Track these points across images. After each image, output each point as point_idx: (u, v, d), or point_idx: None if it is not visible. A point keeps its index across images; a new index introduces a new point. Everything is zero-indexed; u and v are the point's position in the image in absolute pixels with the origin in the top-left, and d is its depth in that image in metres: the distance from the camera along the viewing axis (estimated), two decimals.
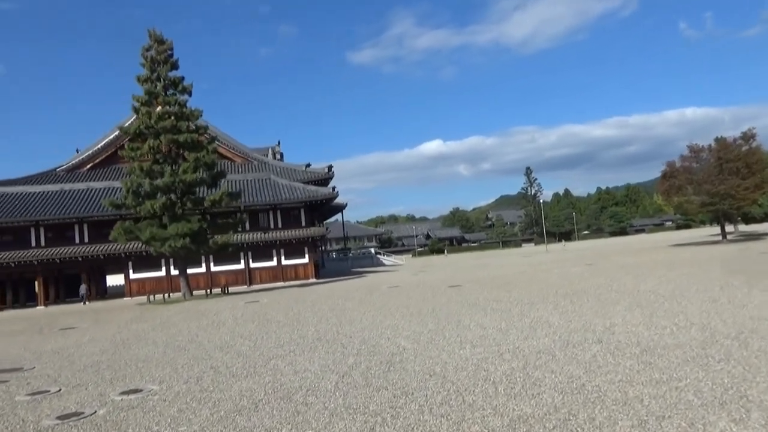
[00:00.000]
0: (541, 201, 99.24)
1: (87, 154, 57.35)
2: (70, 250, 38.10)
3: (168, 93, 29.18)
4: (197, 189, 29.60)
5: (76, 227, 38.84)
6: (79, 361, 10.96)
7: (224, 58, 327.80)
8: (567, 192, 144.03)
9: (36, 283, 38.79)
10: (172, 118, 28.04)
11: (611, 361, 6.96)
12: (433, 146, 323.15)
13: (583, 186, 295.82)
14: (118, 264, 39.90)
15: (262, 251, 41.19)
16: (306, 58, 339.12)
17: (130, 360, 10.42)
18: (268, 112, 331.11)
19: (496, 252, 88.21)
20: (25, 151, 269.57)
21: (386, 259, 73.82)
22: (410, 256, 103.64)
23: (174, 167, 27.94)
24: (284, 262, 41.67)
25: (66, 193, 41.53)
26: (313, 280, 40.65)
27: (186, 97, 29.34)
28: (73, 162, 58.31)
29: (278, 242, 41.20)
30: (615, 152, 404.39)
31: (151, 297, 30.88)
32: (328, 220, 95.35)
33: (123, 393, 7.53)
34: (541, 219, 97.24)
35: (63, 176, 53.66)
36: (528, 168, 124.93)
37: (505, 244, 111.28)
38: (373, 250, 79.98)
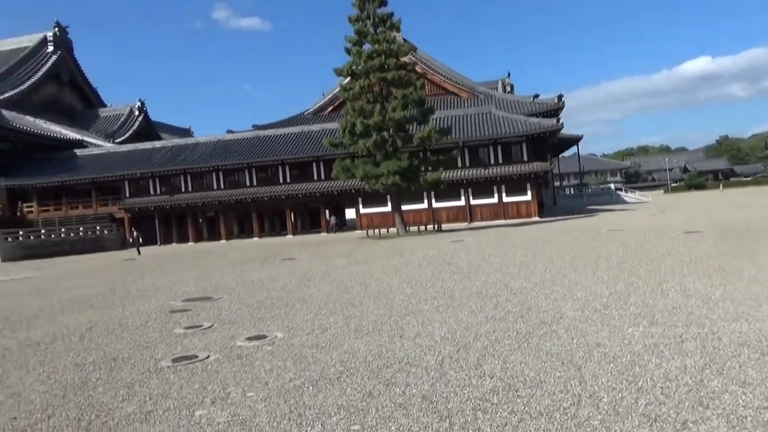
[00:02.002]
0: None
1: (328, 97, 62.54)
2: (309, 186, 42.28)
3: (377, 31, 29.27)
4: (408, 126, 29.64)
5: (314, 165, 42.74)
6: (258, 295, 11.59)
7: None
8: None
9: (285, 214, 44.22)
10: (382, 56, 28.13)
11: None
12: (697, 65, 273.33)
13: None
14: (350, 199, 43.03)
15: (482, 188, 40.33)
16: None
17: (294, 300, 10.58)
18: (501, 44, 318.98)
19: None
20: (288, 97, 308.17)
21: (628, 196, 66.71)
22: (662, 192, 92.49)
23: (384, 105, 28.25)
24: (505, 199, 40.24)
25: (306, 134, 45.78)
26: (536, 218, 38.55)
27: (394, 33, 29.10)
28: (318, 105, 64.25)
29: (498, 178, 39.81)
30: None
31: (369, 232, 32.58)
32: (563, 154, 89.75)
33: (248, 338, 7.46)
34: None
35: (309, 119, 59.54)
36: None
37: None
38: (612, 186, 72.93)
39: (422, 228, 32.82)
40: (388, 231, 32.49)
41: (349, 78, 31.32)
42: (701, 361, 5.06)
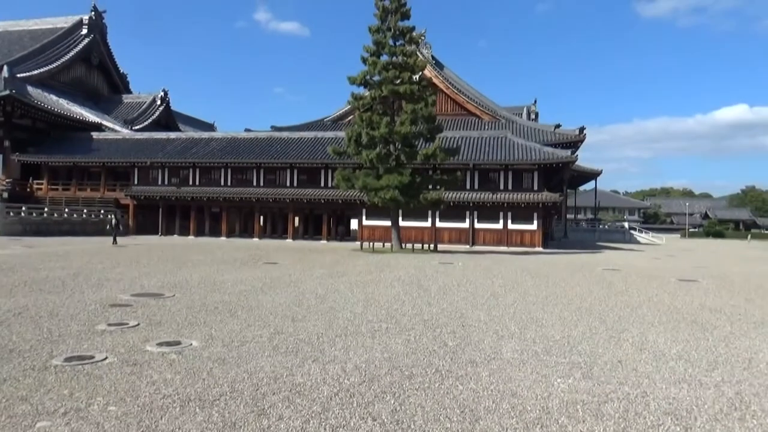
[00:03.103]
0: None
1: (349, 107, 62.41)
2: (315, 193, 41.97)
3: (397, 43, 29.00)
4: (416, 142, 29.19)
5: (322, 172, 42.44)
6: (211, 297, 11.16)
7: (499, 18, 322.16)
8: None
9: (287, 218, 43.93)
10: (397, 69, 27.80)
11: None
12: (734, 112, 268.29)
13: None
14: (355, 209, 42.58)
15: (487, 212, 39.65)
16: (587, 14, 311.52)
17: (241, 307, 10.13)
18: (536, 72, 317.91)
19: None
20: (319, 103, 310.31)
21: (642, 236, 65.49)
22: (678, 236, 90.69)
23: (393, 119, 27.88)
24: (510, 226, 39.48)
25: (319, 140, 45.52)
26: (539, 249, 37.75)
27: (413, 47, 28.80)
28: (339, 113, 64.13)
29: (505, 204, 39.09)
30: None
31: (365, 245, 32.09)
32: (582, 187, 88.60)
33: (161, 344, 7.00)
34: None
35: (328, 125, 59.39)
36: None
37: None
38: (626, 225, 71.62)
39: (420, 246, 32.21)
40: (384, 245, 31.97)
41: (363, 87, 31.04)
42: (611, 429, 4.47)
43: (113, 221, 32.40)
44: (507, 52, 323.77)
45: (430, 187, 31.18)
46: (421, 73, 30.83)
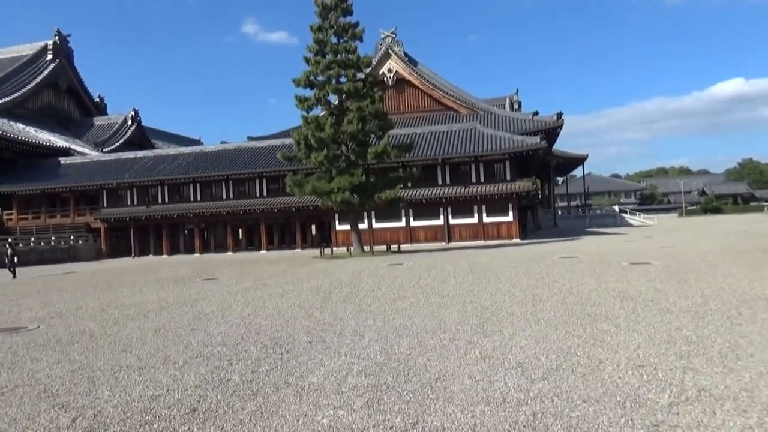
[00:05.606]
0: None
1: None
2: (285, 201, 41.00)
3: (340, 41, 27.99)
4: (369, 141, 28.16)
5: None
6: (74, 328, 10.16)
7: (486, 9, 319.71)
8: None
9: (259, 229, 42.95)
10: (339, 67, 26.80)
11: None
12: (730, 86, 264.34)
13: None
14: (329, 215, 41.53)
15: (462, 207, 38.57)
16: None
17: (90, 338, 9.13)
18: (528, 62, 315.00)
19: None
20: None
21: (633, 219, 64.16)
22: (676, 215, 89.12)
23: (342, 118, 26.86)
24: (485, 219, 38.38)
25: (287, 147, 44.13)
26: (516, 240, 36.67)
27: (356, 43, 27.79)
28: None
29: (479, 197, 38.01)
30: None
31: (326, 251, 31.08)
32: (576, 173, 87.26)
33: None
34: None
35: None
36: None
37: None
38: (617, 208, 70.22)
39: (386, 248, 31.13)
40: (347, 249, 30.93)
41: (309, 89, 30.08)
42: None
43: (9, 252, 26.85)
44: (497, 44, 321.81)
45: (401, 186, 30.25)
46: (370, 69, 29.77)
